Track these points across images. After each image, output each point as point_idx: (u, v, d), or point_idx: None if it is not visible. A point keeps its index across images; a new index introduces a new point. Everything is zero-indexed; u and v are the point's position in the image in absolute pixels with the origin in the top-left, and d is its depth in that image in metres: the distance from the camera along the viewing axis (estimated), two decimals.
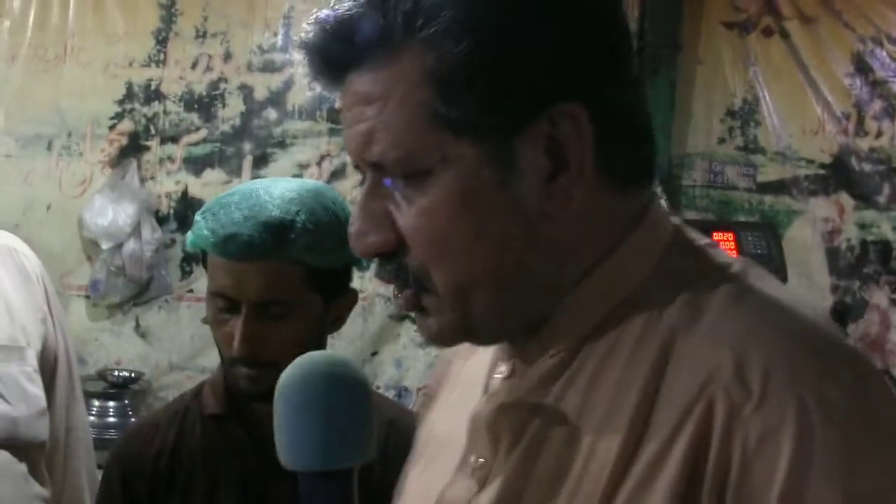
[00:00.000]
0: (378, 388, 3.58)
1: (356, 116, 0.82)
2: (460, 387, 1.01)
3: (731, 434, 0.74)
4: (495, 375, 0.92)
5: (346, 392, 0.89)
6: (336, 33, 0.81)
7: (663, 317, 0.82)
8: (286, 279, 1.54)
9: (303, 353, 1.54)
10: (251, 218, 1.51)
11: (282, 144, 3.77)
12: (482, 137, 0.79)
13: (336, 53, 0.82)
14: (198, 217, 1.57)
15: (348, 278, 1.65)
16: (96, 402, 3.37)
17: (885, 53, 3.77)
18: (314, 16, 0.83)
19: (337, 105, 0.86)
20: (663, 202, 0.92)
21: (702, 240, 0.90)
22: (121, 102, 3.82)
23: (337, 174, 3.72)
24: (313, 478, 0.87)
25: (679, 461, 0.75)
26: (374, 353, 3.69)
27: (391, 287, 0.89)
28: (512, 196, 0.81)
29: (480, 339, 0.89)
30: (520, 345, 0.89)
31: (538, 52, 0.80)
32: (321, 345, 1.61)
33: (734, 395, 0.75)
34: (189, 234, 1.58)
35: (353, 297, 1.67)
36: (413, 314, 0.88)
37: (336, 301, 1.63)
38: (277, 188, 1.58)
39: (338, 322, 1.66)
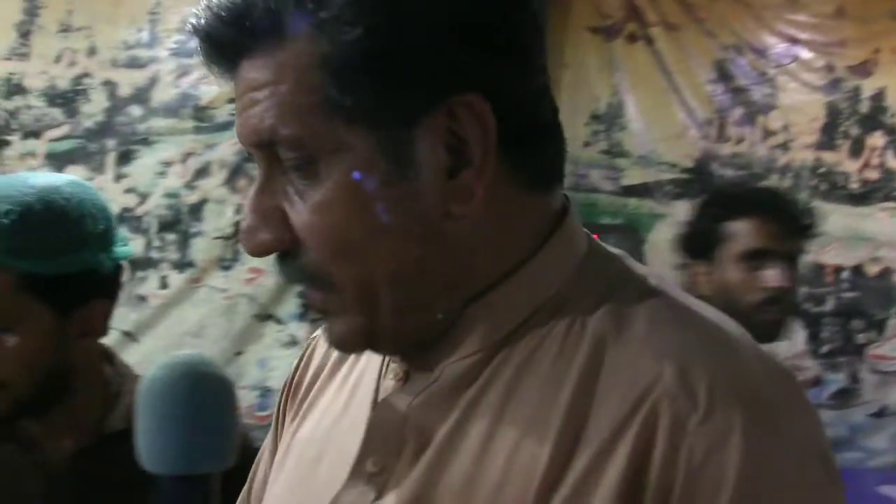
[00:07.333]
0: (242, 388, 3.55)
1: (249, 102, 0.77)
2: (333, 391, 0.96)
3: (677, 446, 0.72)
4: (388, 380, 0.88)
5: (210, 395, 0.85)
6: (226, 18, 0.76)
7: (588, 324, 0.79)
8: None
9: (35, 372, 1.39)
10: None
11: (146, 141, 3.70)
12: (376, 128, 0.75)
13: (227, 39, 0.77)
14: None
15: (92, 286, 1.44)
16: None
17: (745, 62, 3.87)
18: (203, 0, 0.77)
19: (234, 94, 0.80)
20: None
21: (613, 250, 0.88)
22: None
23: (202, 172, 3.68)
24: (175, 482, 0.83)
25: (619, 470, 0.73)
26: (238, 354, 3.65)
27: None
28: (409, 192, 0.76)
29: (384, 345, 0.84)
30: (416, 352, 0.85)
31: (435, 41, 0.74)
32: (66, 363, 1.44)
33: (680, 407, 0.73)
34: None
35: (102, 306, 1.46)
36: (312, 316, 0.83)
37: (77, 313, 1.42)
38: (7, 184, 1.40)
39: (89, 335, 1.46)
